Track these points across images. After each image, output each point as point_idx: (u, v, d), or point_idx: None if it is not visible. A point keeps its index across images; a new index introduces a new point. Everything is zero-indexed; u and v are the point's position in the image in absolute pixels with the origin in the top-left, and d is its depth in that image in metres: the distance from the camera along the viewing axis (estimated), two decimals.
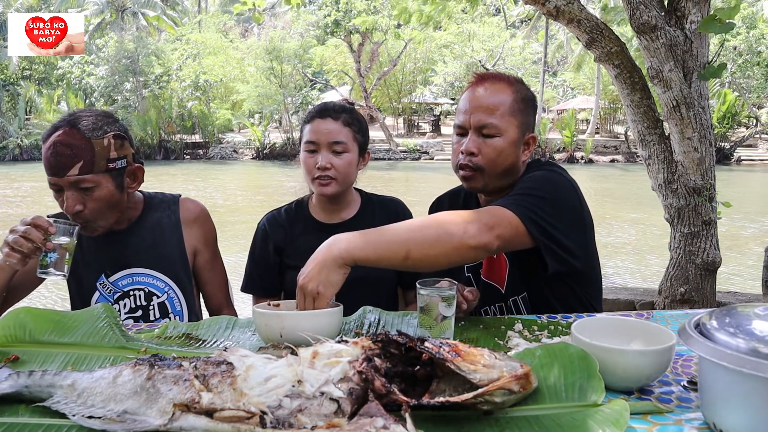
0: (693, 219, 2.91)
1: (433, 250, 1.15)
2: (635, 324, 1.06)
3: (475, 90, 1.47)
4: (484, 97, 1.44)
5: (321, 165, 1.62)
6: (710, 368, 0.79)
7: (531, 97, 1.50)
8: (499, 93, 1.44)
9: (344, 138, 1.65)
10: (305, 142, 1.66)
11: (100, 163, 1.49)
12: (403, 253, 1.14)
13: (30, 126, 28.47)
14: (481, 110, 1.43)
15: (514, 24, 32.59)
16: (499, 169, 1.45)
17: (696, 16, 2.71)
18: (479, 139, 1.43)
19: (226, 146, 30.17)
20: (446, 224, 1.17)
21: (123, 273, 1.64)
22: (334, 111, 1.67)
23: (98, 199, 1.51)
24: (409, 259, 1.14)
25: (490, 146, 1.43)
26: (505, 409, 0.85)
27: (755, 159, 27.04)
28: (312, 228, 1.74)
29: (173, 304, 1.67)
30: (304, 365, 0.84)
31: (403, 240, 1.15)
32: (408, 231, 1.17)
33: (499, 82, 1.47)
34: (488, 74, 1.52)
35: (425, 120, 35.03)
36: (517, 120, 1.45)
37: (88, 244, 1.65)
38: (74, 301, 1.71)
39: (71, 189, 1.48)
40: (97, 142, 1.49)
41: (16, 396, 0.91)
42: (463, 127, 1.46)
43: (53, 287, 5.87)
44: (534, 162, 1.53)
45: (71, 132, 1.48)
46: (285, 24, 32.12)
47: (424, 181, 19.50)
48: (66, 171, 1.46)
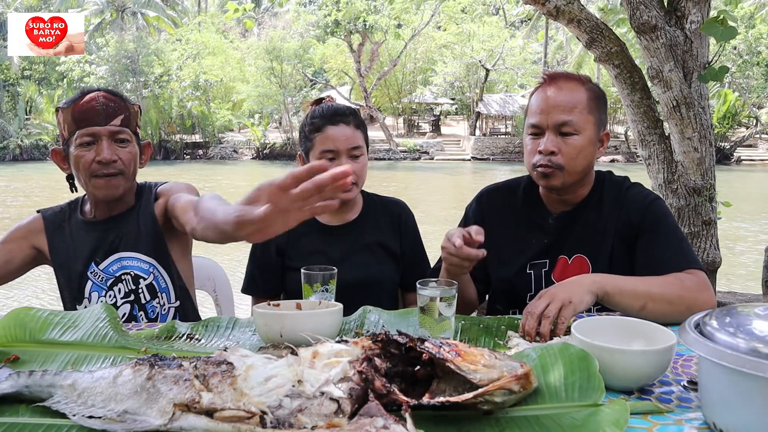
0: (693, 219, 2.91)
1: (668, 309, 1.27)
2: (635, 324, 1.06)
3: (548, 89, 1.46)
4: (560, 96, 1.43)
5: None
6: (710, 368, 0.79)
7: (603, 94, 1.51)
8: (574, 91, 1.44)
9: (360, 142, 1.66)
10: (323, 151, 1.62)
11: (133, 123, 1.61)
12: (640, 304, 1.27)
13: (30, 126, 28.48)
14: (559, 109, 1.42)
15: (513, 24, 32.59)
16: (578, 167, 1.46)
17: (696, 16, 2.71)
18: (558, 138, 1.43)
19: (226, 146, 30.19)
20: (679, 289, 1.31)
21: (112, 258, 1.63)
22: (344, 115, 1.65)
23: (130, 153, 1.59)
24: (644, 311, 1.26)
25: (570, 145, 1.43)
26: (505, 409, 0.85)
27: (755, 159, 27.06)
28: (315, 230, 1.73)
29: (159, 282, 1.65)
30: (304, 365, 0.84)
31: (643, 293, 1.28)
32: (650, 287, 1.30)
33: (571, 80, 1.47)
34: (559, 74, 1.51)
35: (425, 120, 35.03)
36: (594, 117, 1.45)
37: (78, 234, 1.65)
38: (64, 295, 1.69)
39: (109, 139, 1.55)
40: (130, 105, 1.62)
41: (16, 396, 0.91)
42: (539, 126, 1.45)
43: (53, 287, 5.82)
44: (608, 175, 1.56)
45: (106, 93, 1.59)
46: (285, 24, 32.10)
47: (425, 181, 19.50)
48: (110, 120, 1.55)
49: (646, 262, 1.42)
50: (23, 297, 5.98)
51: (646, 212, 1.47)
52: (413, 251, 1.81)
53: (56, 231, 1.68)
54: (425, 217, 8.60)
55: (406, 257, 1.78)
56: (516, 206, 1.62)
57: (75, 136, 1.54)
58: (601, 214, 1.51)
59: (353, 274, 1.62)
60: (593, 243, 1.49)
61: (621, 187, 1.53)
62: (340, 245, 1.72)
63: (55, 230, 1.68)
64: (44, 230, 1.67)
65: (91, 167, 1.54)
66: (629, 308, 1.28)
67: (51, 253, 1.66)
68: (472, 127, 30.87)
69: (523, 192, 1.63)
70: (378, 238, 1.75)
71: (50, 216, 1.70)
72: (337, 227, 1.74)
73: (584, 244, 1.50)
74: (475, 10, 25.67)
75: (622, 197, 1.51)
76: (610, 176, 1.57)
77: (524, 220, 1.59)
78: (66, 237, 1.67)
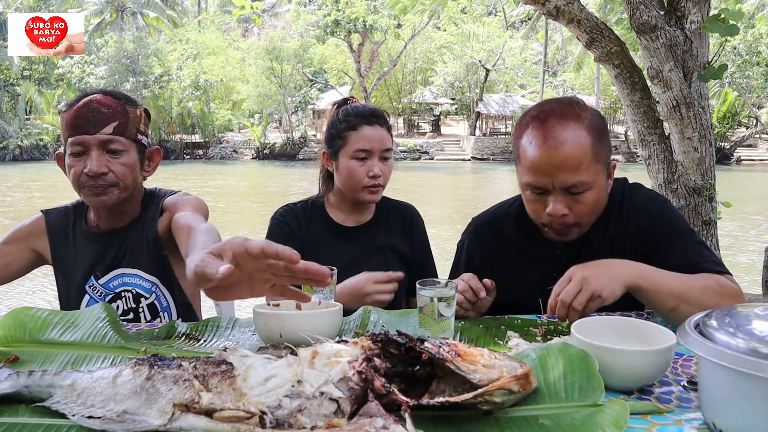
0: (693, 219, 2.91)
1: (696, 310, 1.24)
2: (635, 324, 1.06)
3: (545, 141, 1.25)
4: (562, 150, 1.24)
5: (375, 173, 1.63)
6: (710, 368, 0.79)
7: (601, 119, 1.33)
8: (575, 138, 1.24)
9: (391, 144, 1.69)
10: (357, 150, 1.62)
11: (131, 129, 1.51)
12: (673, 305, 1.19)
13: (30, 126, 28.48)
14: (565, 170, 1.24)
15: (513, 24, 32.61)
16: (594, 217, 1.34)
17: (696, 16, 2.71)
18: (567, 198, 1.28)
19: (226, 146, 30.19)
20: (719, 296, 1.19)
21: (113, 274, 1.58)
22: (379, 117, 1.67)
23: (124, 164, 1.49)
24: (675, 312, 1.19)
25: (582, 202, 1.28)
26: (505, 409, 0.84)
27: (755, 159, 27.07)
28: (329, 229, 1.73)
29: (161, 302, 1.60)
30: (303, 365, 0.84)
31: (679, 294, 1.19)
32: (685, 288, 1.20)
33: (567, 120, 1.26)
34: (553, 110, 1.29)
35: (425, 120, 35.04)
36: (602, 162, 1.29)
37: (81, 243, 1.60)
38: (63, 305, 1.64)
39: (99, 149, 1.45)
40: (131, 109, 1.52)
41: (16, 396, 0.90)
42: (543, 188, 1.29)
43: (53, 287, 5.82)
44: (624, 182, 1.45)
45: (106, 97, 1.49)
46: (285, 24, 32.11)
47: (425, 181, 19.49)
48: (100, 128, 1.45)
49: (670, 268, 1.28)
50: (22, 296, 5.98)
51: (658, 219, 1.37)
52: (422, 256, 1.82)
53: (59, 236, 1.62)
54: (424, 217, 8.65)
55: (415, 262, 1.79)
56: (510, 239, 1.50)
57: (68, 144, 1.47)
58: (608, 232, 1.40)
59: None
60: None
61: (623, 191, 1.42)
62: (353, 246, 1.72)
63: (57, 234, 1.62)
64: (46, 233, 1.62)
65: (80, 179, 1.46)
66: (661, 307, 1.20)
67: (53, 259, 1.62)
68: (472, 127, 30.87)
69: (515, 222, 1.50)
70: (390, 241, 1.76)
71: (53, 219, 1.64)
72: (351, 228, 1.74)
73: None
74: (475, 10, 25.70)
75: (627, 207, 1.40)
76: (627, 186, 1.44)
77: (525, 254, 1.47)
78: (69, 245, 1.61)
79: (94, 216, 1.61)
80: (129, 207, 1.59)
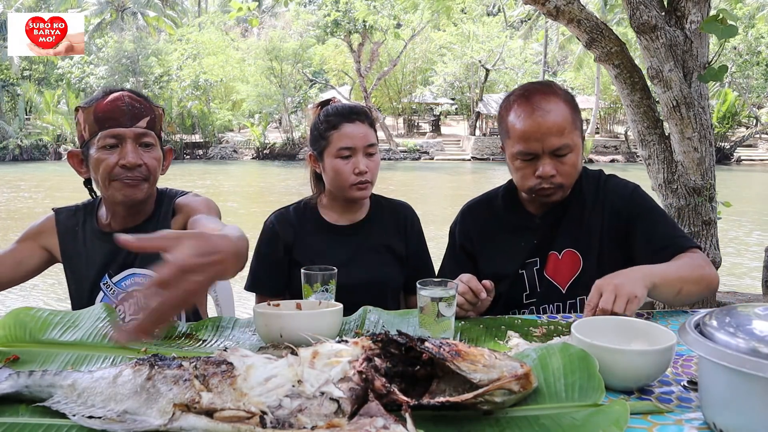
0: (693, 219, 2.91)
1: (696, 289, 1.36)
2: (635, 324, 1.06)
3: (532, 113, 1.45)
4: (549, 118, 1.44)
5: (361, 170, 1.62)
6: (710, 368, 0.79)
7: (572, 96, 1.54)
8: (558, 109, 1.45)
9: (374, 140, 1.68)
10: (340, 149, 1.63)
11: (157, 126, 1.54)
12: (677, 289, 1.33)
13: (30, 126, 28.48)
14: (552, 134, 1.43)
15: (513, 24, 32.59)
16: (574, 179, 1.52)
17: (696, 16, 2.71)
18: (554, 160, 1.46)
19: (226, 146, 30.19)
20: (699, 269, 1.38)
21: (126, 273, 1.58)
22: (359, 113, 1.67)
23: (155, 159, 1.51)
24: (680, 294, 1.33)
25: (566, 164, 1.47)
26: (505, 409, 0.85)
27: (755, 159, 27.07)
28: (322, 229, 1.73)
29: None
30: (304, 365, 0.84)
31: (677, 278, 1.34)
32: (679, 271, 1.36)
33: (548, 96, 1.47)
34: (535, 89, 1.50)
35: (425, 120, 35.04)
36: (578, 129, 1.49)
37: (92, 242, 1.60)
38: (74, 303, 1.64)
39: (134, 142, 1.47)
40: (155, 107, 1.55)
41: (16, 396, 0.91)
42: (534, 153, 1.46)
43: (53, 287, 5.88)
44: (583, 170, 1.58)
45: (131, 93, 1.52)
46: (285, 24, 32.10)
47: (425, 181, 19.50)
48: (136, 121, 1.47)
49: (646, 244, 1.47)
50: (22, 296, 5.98)
51: (632, 200, 1.53)
52: (418, 255, 1.81)
53: (68, 234, 1.62)
54: (425, 217, 8.66)
55: (410, 260, 1.79)
56: (499, 215, 1.65)
57: (97, 138, 1.45)
58: (584, 207, 1.55)
59: (359, 275, 1.62)
60: (581, 236, 1.53)
61: (599, 180, 1.59)
62: (347, 245, 1.72)
63: (67, 233, 1.62)
64: (56, 231, 1.62)
65: (114, 171, 1.46)
66: (669, 295, 1.34)
67: (63, 257, 1.62)
68: (472, 127, 30.88)
69: (502, 200, 1.66)
70: (384, 240, 1.75)
71: (64, 217, 1.64)
72: (344, 227, 1.74)
73: (572, 238, 1.54)
74: (474, 10, 25.69)
75: (603, 189, 1.57)
76: (585, 171, 1.60)
77: (510, 226, 1.62)
78: (79, 244, 1.61)
79: (107, 215, 1.60)
80: (145, 205, 1.59)
